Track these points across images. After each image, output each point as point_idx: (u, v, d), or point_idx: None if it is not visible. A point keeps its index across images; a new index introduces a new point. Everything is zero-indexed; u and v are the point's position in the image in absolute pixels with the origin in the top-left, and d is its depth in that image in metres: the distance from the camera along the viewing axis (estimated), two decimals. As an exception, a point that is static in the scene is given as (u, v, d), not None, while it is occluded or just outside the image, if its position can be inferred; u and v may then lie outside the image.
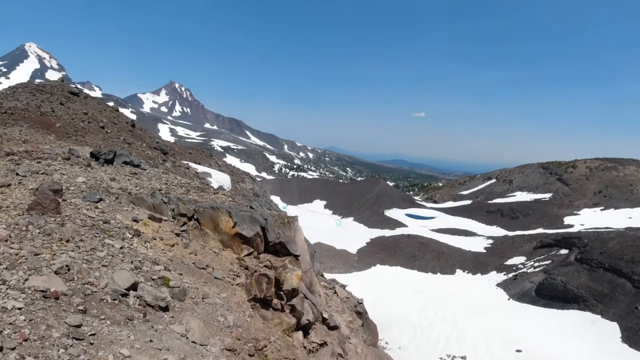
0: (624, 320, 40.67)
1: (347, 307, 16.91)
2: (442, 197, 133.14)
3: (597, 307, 44.28)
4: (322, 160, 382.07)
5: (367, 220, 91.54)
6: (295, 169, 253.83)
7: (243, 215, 8.84)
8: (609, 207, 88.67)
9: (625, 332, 39.27)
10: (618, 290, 44.69)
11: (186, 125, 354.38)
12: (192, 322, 5.52)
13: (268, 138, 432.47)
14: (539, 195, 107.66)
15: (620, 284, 45.34)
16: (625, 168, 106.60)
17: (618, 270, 46.79)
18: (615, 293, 44.57)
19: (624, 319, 40.81)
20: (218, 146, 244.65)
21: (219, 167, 33.36)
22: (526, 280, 53.62)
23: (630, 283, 44.62)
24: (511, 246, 68.57)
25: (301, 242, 10.79)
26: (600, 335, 39.76)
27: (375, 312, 29.77)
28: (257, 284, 7.86)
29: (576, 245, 56.73)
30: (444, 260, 63.35)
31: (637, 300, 42.13)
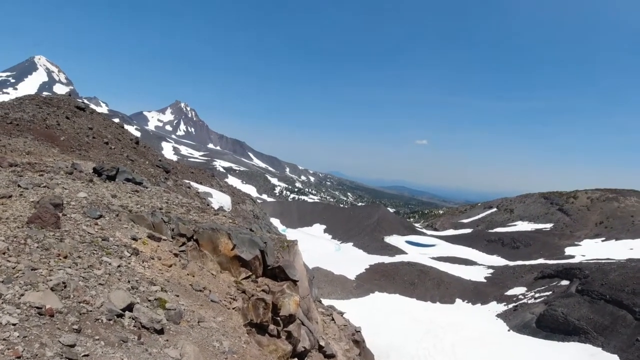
0: (625, 353, 39.93)
1: (345, 335, 16.61)
2: (442, 225, 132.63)
3: (598, 340, 43.52)
4: (323, 184, 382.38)
5: (367, 246, 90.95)
6: (296, 192, 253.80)
7: (243, 237, 8.77)
8: (610, 238, 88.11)
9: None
10: (619, 323, 44.02)
11: (190, 144, 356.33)
12: (187, 346, 5.41)
13: (270, 160, 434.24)
14: (539, 225, 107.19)
15: (622, 316, 44.68)
16: (626, 199, 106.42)
17: (619, 302, 46.18)
18: (617, 325, 43.88)
19: (625, 352, 40.07)
20: (220, 166, 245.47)
21: (220, 188, 33.37)
22: (527, 311, 52.86)
23: (631, 315, 43.98)
24: (512, 276, 67.86)
25: (300, 267, 10.68)
26: (601, 369, 39.04)
27: (373, 341, 29.31)
28: (254, 309, 7.75)
29: (577, 276, 56.16)
30: (443, 289, 62.63)
31: (638, 332, 41.44)
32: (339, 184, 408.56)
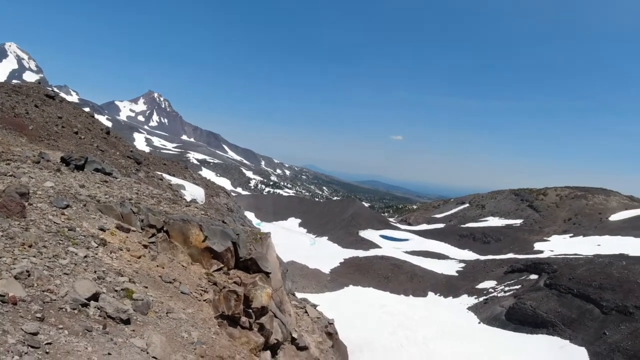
0: (593, 346, 41.37)
1: (318, 328, 16.68)
2: (416, 220, 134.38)
3: (566, 332, 44.96)
4: (299, 178, 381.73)
5: (342, 240, 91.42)
6: (271, 186, 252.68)
7: (214, 229, 8.66)
8: (578, 234, 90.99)
9: (594, 357, 39.91)
10: (586, 316, 45.55)
11: (163, 135, 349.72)
12: (154, 336, 5.33)
13: (245, 153, 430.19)
14: (510, 220, 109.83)
15: (589, 309, 46.24)
16: (594, 197, 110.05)
17: (586, 296, 47.77)
18: (584, 318, 45.40)
19: (593, 344, 41.52)
20: (194, 159, 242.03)
21: (193, 180, 32.90)
22: (497, 305, 54.16)
23: (598, 309, 45.55)
24: (482, 270, 69.37)
25: (273, 260, 10.65)
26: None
27: (347, 334, 29.55)
28: (226, 301, 7.68)
29: (546, 270, 57.80)
30: (416, 282, 63.55)
31: (605, 326, 42.99)
32: (314, 178, 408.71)
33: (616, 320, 42.73)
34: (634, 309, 42.41)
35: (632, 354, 37.42)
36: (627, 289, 45.67)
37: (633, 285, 45.93)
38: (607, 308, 44.82)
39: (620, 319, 42.49)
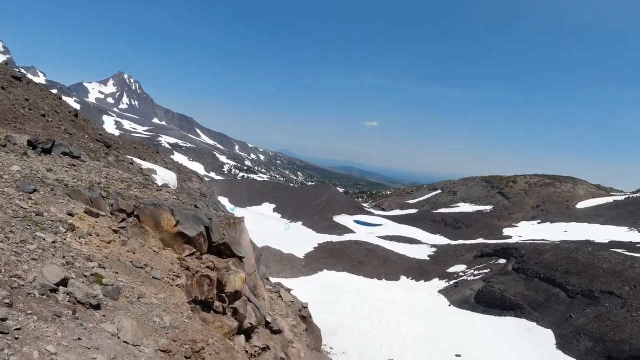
0: (559, 328, 43.05)
1: (292, 312, 16.83)
2: (390, 206, 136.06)
3: (533, 315, 46.61)
4: (274, 163, 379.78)
5: (316, 225, 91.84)
6: (245, 171, 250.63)
7: (186, 214, 8.58)
8: (545, 221, 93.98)
9: (560, 339, 41.56)
10: (553, 300, 47.28)
11: (133, 119, 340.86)
12: (125, 321, 5.30)
13: (219, 137, 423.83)
14: (480, 207, 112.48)
15: (555, 293, 47.99)
16: (562, 185, 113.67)
17: (553, 280, 49.52)
18: (551, 302, 47.11)
19: (559, 327, 43.21)
20: (166, 143, 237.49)
21: (165, 165, 32.36)
22: (466, 288, 55.65)
23: (564, 293, 47.32)
24: (453, 255, 71.01)
25: (246, 244, 10.64)
26: (536, 342, 41.87)
27: (321, 318, 29.89)
28: (199, 286, 7.67)
29: (514, 255, 59.55)
30: (389, 267, 64.58)
31: (571, 309, 44.73)
32: (289, 163, 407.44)
33: (582, 304, 44.50)
34: (599, 293, 44.20)
35: (597, 337, 39.10)
36: (593, 274, 47.52)
37: (598, 270, 47.80)
38: (573, 292, 46.59)
39: (586, 303, 44.27)
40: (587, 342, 39.41)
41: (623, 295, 42.57)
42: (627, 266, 47.33)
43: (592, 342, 38.98)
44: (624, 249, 58.93)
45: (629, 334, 37.35)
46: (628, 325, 38.60)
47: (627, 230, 78.96)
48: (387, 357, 37.40)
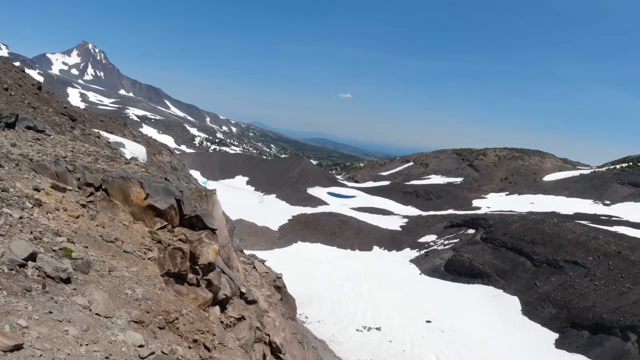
0: (524, 295, 45.06)
1: (266, 282, 17.03)
2: (363, 177, 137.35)
3: (500, 283, 48.60)
4: (246, 135, 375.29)
5: (290, 197, 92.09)
6: (217, 143, 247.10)
7: (156, 186, 8.47)
8: (513, 192, 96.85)
9: (525, 305, 43.57)
10: (519, 268, 49.29)
11: (99, 90, 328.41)
12: (95, 294, 5.29)
13: (189, 109, 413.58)
14: (451, 179, 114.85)
15: (521, 262, 50.01)
16: (530, 158, 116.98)
17: (519, 249, 51.50)
18: (517, 270, 49.12)
19: (524, 294, 45.23)
20: (134, 115, 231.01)
21: (133, 138, 31.59)
22: (437, 257, 57.37)
23: (530, 262, 49.37)
24: (424, 225, 72.74)
25: (219, 216, 10.64)
26: (502, 308, 43.83)
27: (296, 288, 30.33)
28: (171, 258, 7.67)
29: (482, 226, 61.47)
30: (362, 237, 65.76)
31: (536, 277, 46.77)
32: (262, 135, 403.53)
33: (546, 273, 46.54)
34: (564, 262, 46.22)
35: (561, 304, 41.09)
36: (558, 244, 49.54)
37: (563, 241, 49.84)
38: (539, 261, 48.59)
39: (551, 272, 46.30)
40: (551, 308, 41.44)
41: (587, 264, 44.63)
42: (590, 237, 49.47)
43: (556, 309, 41.01)
44: (588, 220, 61.51)
45: (592, 302, 39.39)
46: (591, 293, 40.66)
47: (592, 202, 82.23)
48: (361, 324, 38.54)
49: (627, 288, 39.52)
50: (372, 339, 36.18)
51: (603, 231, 51.75)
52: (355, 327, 37.83)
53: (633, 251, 44.70)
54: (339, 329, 37.14)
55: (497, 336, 38.67)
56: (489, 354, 35.41)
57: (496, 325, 40.57)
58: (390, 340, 36.07)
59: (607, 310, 37.22)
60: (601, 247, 46.73)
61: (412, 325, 39.28)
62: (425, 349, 35.38)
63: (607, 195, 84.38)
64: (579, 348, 35.85)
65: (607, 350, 34.29)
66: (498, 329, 39.91)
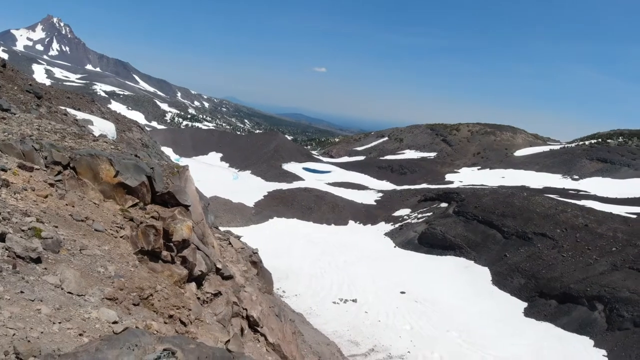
0: (494, 266, 46.62)
1: (242, 257, 17.10)
2: (338, 153, 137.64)
3: (471, 254, 50.09)
4: (219, 110, 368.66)
5: (265, 173, 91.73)
6: (189, 119, 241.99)
7: (126, 163, 8.33)
8: (485, 167, 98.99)
9: (495, 276, 45.14)
10: (490, 240, 50.82)
11: (65, 66, 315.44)
12: (67, 272, 5.26)
13: (159, 84, 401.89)
14: (425, 153, 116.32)
15: (492, 234, 51.54)
16: (502, 133, 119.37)
17: (490, 222, 53.00)
18: (487, 242, 50.64)
19: (494, 265, 46.79)
20: (101, 91, 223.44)
21: (102, 115, 30.70)
22: (410, 230, 58.53)
23: (500, 234, 50.93)
24: (398, 199, 73.84)
25: (192, 193, 10.57)
26: (474, 279, 45.32)
27: (273, 263, 30.65)
28: (144, 236, 7.62)
29: (455, 199, 62.81)
30: (338, 212, 66.33)
31: (506, 249, 48.36)
32: (235, 111, 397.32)
33: (516, 244, 48.14)
34: (533, 235, 47.84)
35: (530, 274, 42.68)
36: (527, 217, 51.14)
37: (532, 214, 51.45)
38: (508, 233, 50.14)
39: (520, 243, 47.90)
40: (520, 278, 43.07)
41: (555, 237, 46.33)
42: (559, 210, 51.24)
43: (525, 279, 42.64)
44: (557, 194, 63.63)
45: (559, 272, 41.06)
46: (559, 264, 42.35)
47: (561, 177, 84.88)
48: (337, 297, 39.32)
49: (593, 260, 41.30)
50: (349, 310, 37.02)
51: (571, 205, 53.63)
52: (332, 300, 38.56)
53: (600, 224, 46.53)
54: (316, 302, 37.81)
55: (468, 305, 40.08)
56: (460, 323, 36.74)
57: (467, 294, 42.00)
58: (366, 311, 36.99)
59: (574, 281, 38.91)
60: (569, 220, 48.49)
61: (387, 296, 40.29)
62: (400, 318, 36.46)
63: (575, 170, 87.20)
64: (546, 316, 37.51)
65: (575, 319, 35.99)
66: (469, 298, 41.35)
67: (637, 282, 36.01)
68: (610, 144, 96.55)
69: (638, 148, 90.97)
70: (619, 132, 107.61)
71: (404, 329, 34.70)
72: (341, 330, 33.36)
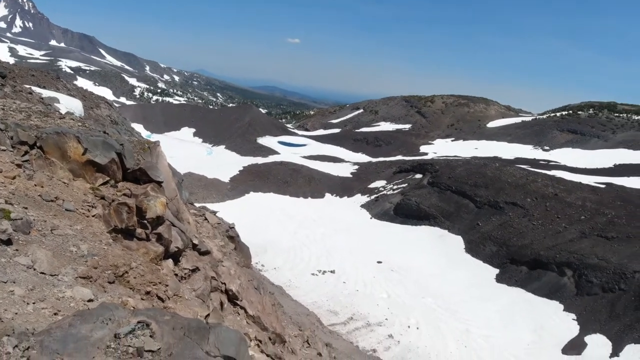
0: (467, 235, 47.94)
1: (219, 233, 17.08)
2: (313, 126, 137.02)
3: (445, 224, 51.31)
4: (190, 84, 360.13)
5: (240, 148, 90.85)
6: (159, 94, 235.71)
7: (94, 140, 8.11)
8: (458, 138, 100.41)
9: (468, 244, 46.47)
10: (463, 210, 52.08)
11: (28, 43, 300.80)
12: (38, 253, 5.19)
13: (127, 58, 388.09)
14: (400, 125, 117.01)
15: (465, 204, 52.79)
16: (475, 105, 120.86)
17: (463, 192, 54.20)
18: (460, 212, 51.90)
19: (467, 233, 48.11)
20: (67, 67, 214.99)
21: (68, 92, 29.63)
22: (386, 202, 59.38)
23: (473, 204, 52.23)
24: (374, 171, 74.49)
25: (164, 169, 10.42)
26: (448, 247, 46.59)
27: (250, 237, 30.70)
28: (117, 214, 7.52)
29: (429, 170, 63.83)
30: (314, 185, 66.55)
31: (478, 218, 49.69)
32: (207, 84, 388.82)
33: (488, 214, 49.49)
34: (504, 204, 49.19)
35: (501, 242, 44.06)
36: (499, 187, 52.45)
37: (504, 184, 52.77)
38: (481, 203, 51.45)
39: (492, 213, 49.26)
40: (492, 246, 44.46)
41: (525, 206, 47.75)
42: (530, 180, 52.73)
43: (496, 247, 44.05)
44: (528, 164, 65.38)
45: (529, 240, 42.51)
46: (529, 232, 43.80)
47: (532, 148, 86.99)
48: (316, 268, 39.91)
49: (563, 227, 42.87)
50: (327, 281, 37.71)
51: (541, 175, 55.21)
52: (310, 272, 39.15)
53: (569, 193, 48.14)
54: (294, 274, 38.33)
55: (442, 273, 41.34)
56: (435, 289, 37.96)
57: (442, 263, 43.26)
58: (344, 282, 37.74)
59: (544, 248, 40.41)
60: (539, 190, 50.01)
61: (364, 266, 41.14)
62: (377, 287, 37.38)
63: (546, 141, 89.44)
64: (517, 282, 39.03)
65: (545, 285, 37.56)
66: (443, 266, 42.61)
67: (605, 249, 37.63)
68: (581, 115, 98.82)
69: (608, 120, 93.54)
70: (589, 104, 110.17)
71: (381, 297, 35.64)
72: (320, 300, 34.02)
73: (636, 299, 32.15)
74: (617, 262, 35.35)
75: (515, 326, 32.70)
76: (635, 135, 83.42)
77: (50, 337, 3.57)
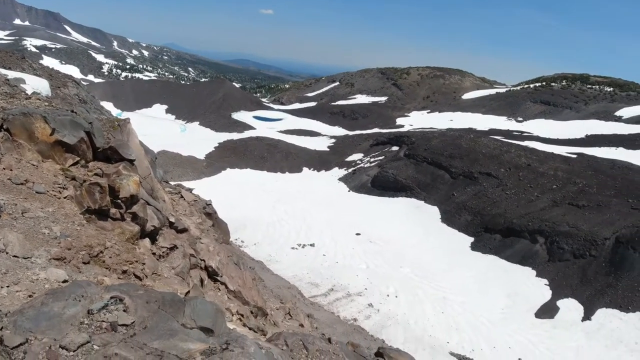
0: (443, 205, 48.91)
1: (196, 210, 17.00)
2: (289, 99, 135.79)
3: (422, 195, 52.17)
4: (160, 59, 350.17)
5: (214, 124, 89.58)
6: (128, 70, 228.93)
7: (62, 120, 7.89)
8: (434, 110, 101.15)
9: (444, 214, 47.47)
10: (438, 181, 52.97)
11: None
12: (9, 236, 5.10)
13: (93, 34, 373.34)
14: (376, 98, 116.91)
15: (440, 175, 53.67)
16: (451, 77, 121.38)
17: (439, 164, 55.02)
18: (436, 183, 52.78)
19: (443, 204, 49.07)
20: (32, 46, 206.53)
21: (34, 71, 28.47)
22: (363, 174, 59.87)
23: (448, 175, 53.16)
24: (351, 144, 74.72)
25: (136, 147, 10.24)
26: (424, 217, 47.51)
27: (229, 214, 30.63)
28: (89, 195, 7.40)
29: (405, 142, 64.42)
30: (291, 160, 66.48)
31: (453, 188, 50.66)
32: (177, 59, 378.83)
33: (463, 184, 50.51)
34: (478, 174, 50.21)
35: (476, 211, 45.12)
36: (473, 158, 53.39)
37: (478, 155, 53.73)
38: (456, 174, 52.40)
39: (467, 183, 50.29)
40: (467, 216, 45.53)
41: (499, 176, 48.86)
42: (503, 151, 53.81)
43: (471, 216, 45.13)
44: (502, 136, 66.56)
45: (503, 209, 43.67)
46: (503, 201, 44.96)
47: (506, 119, 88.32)
48: (295, 242, 40.26)
49: (535, 196, 44.11)
50: (307, 254, 38.15)
51: (515, 145, 56.41)
52: (290, 246, 39.49)
53: (542, 163, 49.37)
54: (275, 249, 38.61)
55: (420, 243, 42.30)
56: (412, 259, 38.86)
57: (419, 233, 44.20)
58: (324, 254, 38.25)
59: (517, 216, 41.61)
60: (513, 160, 51.16)
61: (343, 238, 41.71)
62: (357, 258, 38.05)
63: (520, 113, 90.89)
64: (492, 250, 40.24)
65: (518, 251, 38.81)
66: (420, 236, 43.57)
67: (576, 217, 38.98)
68: (554, 87, 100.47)
69: (580, 91, 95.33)
70: (562, 75, 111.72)
71: (360, 268, 36.33)
72: (301, 273, 34.47)
73: (606, 264, 33.52)
74: (587, 230, 36.64)
75: (489, 292, 33.87)
76: (607, 107, 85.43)
77: (23, 317, 3.58)
